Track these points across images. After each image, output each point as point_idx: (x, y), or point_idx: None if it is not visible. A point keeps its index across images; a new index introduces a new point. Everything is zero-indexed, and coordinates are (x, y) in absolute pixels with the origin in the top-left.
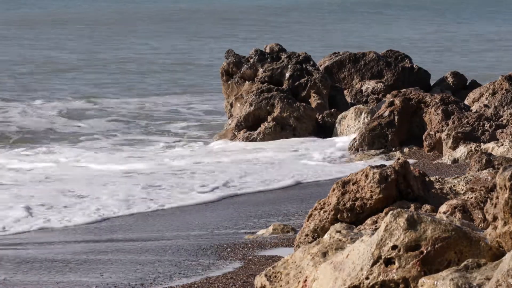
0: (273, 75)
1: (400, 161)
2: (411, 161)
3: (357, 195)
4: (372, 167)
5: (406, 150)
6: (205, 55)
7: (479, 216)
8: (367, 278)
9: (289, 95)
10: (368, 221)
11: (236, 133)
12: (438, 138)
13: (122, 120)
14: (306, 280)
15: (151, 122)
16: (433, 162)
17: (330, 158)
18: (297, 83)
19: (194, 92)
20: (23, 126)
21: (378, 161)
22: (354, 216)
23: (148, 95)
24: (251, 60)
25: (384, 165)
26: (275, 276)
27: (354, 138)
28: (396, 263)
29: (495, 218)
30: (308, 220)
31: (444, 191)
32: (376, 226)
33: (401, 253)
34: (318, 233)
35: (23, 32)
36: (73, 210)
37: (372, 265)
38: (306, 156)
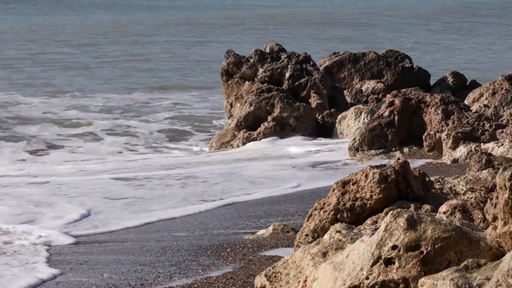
0: (273, 75)
1: (400, 161)
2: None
3: (357, 195)
4: (372, 167)
5: (406, 150)
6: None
7: (479, 216)
8: (367, 278)
9: (289, 95)
10: (368, 221)
11: (236, 133)
12: (438, 138)
13: (123, 119)
14: (306, 280)
15: (151, 122)
16: (433, 162)
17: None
18: (297, 83)
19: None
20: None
21: (378, 161)
22: (354, 216)
23: (149, 91)
24: (251, 60)
25: (384, 165)
26: (275, 276)
27: (354, 138)
28: (396, 263)
29: (495, 218)
30: (308, 220)
31: (444, 191)
32: (376, 226)
33: (401, 253)
34: (318, 233)
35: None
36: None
37: (372, 265)
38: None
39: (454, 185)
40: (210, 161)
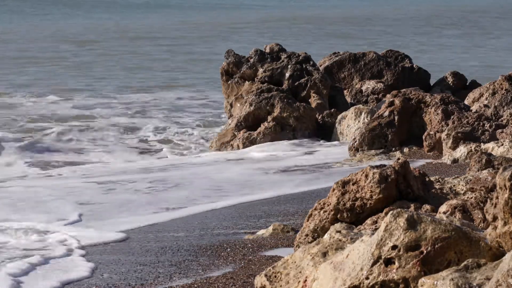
0: (273, 75)
1: (400, 161)
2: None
3: (357, 195)
4: (372, 167)
5: (406, 150)
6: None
7: (479, 216)
8: (367, 278)
9: (289, 95)
10: (368, 221)
11: (236, 133)
12: (438, 138)
13: (126, 117)
14: (306, 280)
15: (150, 121)
16: (433, 162)
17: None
18: (297, 83)
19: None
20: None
21: (378, 161)
22: (354, 216)
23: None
24: (251, 60)
25: (384, 165)
26: (275, 276)
27: (354, 138)
28: (396, 263)
29: (495, 218)
30: (308, 220)
31: (444, 191)
32: (376, 226)
33: (401, 253)
34: (318, 233)
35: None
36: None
37: (372, 265)
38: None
39: (454, 185)
40: (197, 163)
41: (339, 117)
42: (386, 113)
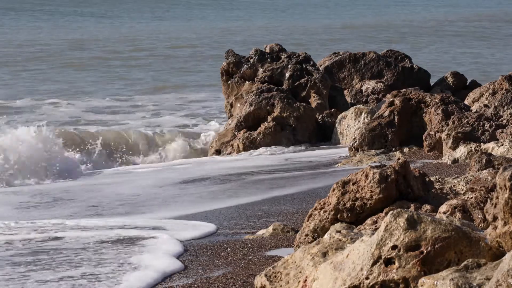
0: (273, 75)
1: (400, 161)
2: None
3: (357, 195)
4: (372, 167)
5: (406, 150)
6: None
7: (479, 216)
8: (367, 278)
9: (289, 95)
10: (368, 221)
11: (236, 133)
12: (438, 138)
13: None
14: (306, 280)
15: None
16: (433, 162)
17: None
18: (297, 83)
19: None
20: None
21: (378, 161)
22: (354, 216)
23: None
24: (251, 60)
25: (384, 165)
26: (275, 276)
27: (354, 138)
28: (396, 263)
29: (495, 218)
30: (308, 220)
31: (444, 191)
32: (376, 226)
33: (401, 253)
34: (318, 233)
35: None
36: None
37: (372, 265)
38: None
39: (454, 185)
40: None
41: (339, 117)
42: (386, 113)
